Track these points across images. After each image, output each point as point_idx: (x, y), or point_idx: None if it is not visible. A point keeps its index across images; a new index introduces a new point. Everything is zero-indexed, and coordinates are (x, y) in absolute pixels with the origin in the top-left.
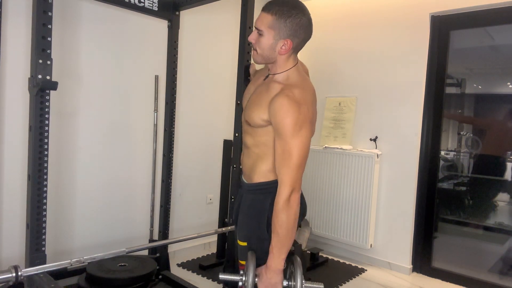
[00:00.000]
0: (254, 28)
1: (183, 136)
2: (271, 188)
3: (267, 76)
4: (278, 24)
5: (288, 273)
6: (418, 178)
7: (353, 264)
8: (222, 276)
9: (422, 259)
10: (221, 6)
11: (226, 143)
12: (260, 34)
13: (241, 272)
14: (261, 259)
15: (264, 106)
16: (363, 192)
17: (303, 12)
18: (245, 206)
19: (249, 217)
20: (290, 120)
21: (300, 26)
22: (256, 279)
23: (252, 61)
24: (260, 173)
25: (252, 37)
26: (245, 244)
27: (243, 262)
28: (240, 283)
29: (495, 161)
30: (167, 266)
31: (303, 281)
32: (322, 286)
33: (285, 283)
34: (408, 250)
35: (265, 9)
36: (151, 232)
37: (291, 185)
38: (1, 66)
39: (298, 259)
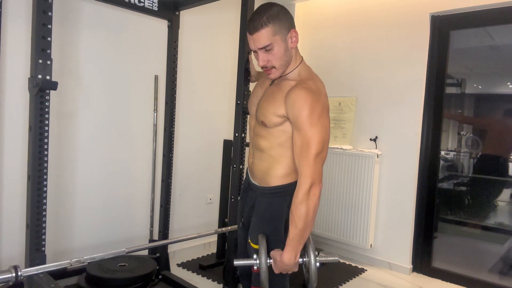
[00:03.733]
0: (257, 51)
1: (183, 136)
2: (288, 191)
3: (273, 80)
4: (277, 26)
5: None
6: (418, 178)
7: (353, 264)
8: (236, 262)
9: (422, 259)
10: (221, 6)
11: (226, 143)
12: (268, 49)
13: (255, 256)
14: None
15: (279, 102)
16: (363, 192)
17: (275, 4)
18: (261, 209)
19: (266, 220)
20: (308, 111)
21: (287, 13)
22: (269, 261)
23: (251, 62)
24: (276, 177)
25: (263, 60)
26: None
27: None
28: (255, 267)
29: (495, 161)
30: (167, 266)
31: (317, 256)
32: (337, 258)
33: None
34: (408, 250)
35: (255, 28)
36: (151, 232)
37: (310, 176)
38: (1, 66)
39: (309, 236)
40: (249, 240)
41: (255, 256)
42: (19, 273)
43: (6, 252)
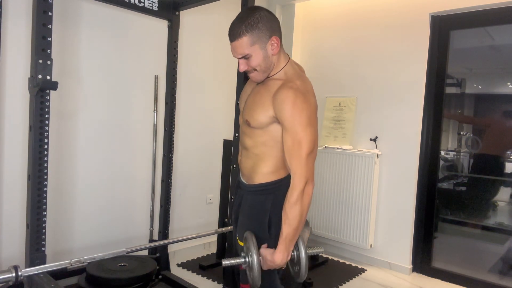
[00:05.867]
0: (238, 59)
1: (183, 136)
2: (272, 189)
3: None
4: (255, 36)
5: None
6: (418, 178)
7: (353, 264)
8: (225, 262)
9: (422, 259)
10: (221, 6)
11: (226, 143)
12: (247, 58)
13: (243, 254)
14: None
15: (267, 103)
16: (363, 192)
17: (258, 9)
18: (246, 207)
19: (250, 218)
20: (297, 112)
21: (269, 20)
22: (260, 257)
23: None
24: (260, 174)
25: (243, 67)
26: None
27: None
28: (243, 265)
29: (495, 161)
30: (167, 266)
31: (306, 249)
32: (322, 249)
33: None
34: (408, 250)
35: (234, 37)
36: (151, 232)
37: (305, 176)
38: (1, 66)
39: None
40: (237, 238)
41: (243, 254)
42: (19, 273)
43: (6, 252)
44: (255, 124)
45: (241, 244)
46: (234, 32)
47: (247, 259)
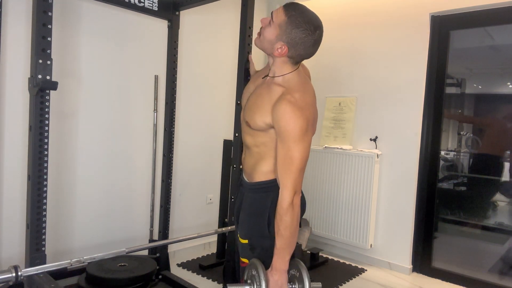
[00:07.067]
0: (270, 15)
1: (183, 136)
2: (271, 187)
3: (266, 76)
4: (285, 27)
5: (289, 277)
6: (418, 178)
7: (353, 264)
8: (230, 287)
9: (422, 259)
10: (221, 6)
11: (226, 143)
12: (271, 22)
13: (248, 282)
14: (262, 256)
15: (267, 110)
16: (363, 192)
17: (313, 31)
18: (247, 204)
19: (251, 215)
20: (293, 127)
21: (302, 42)
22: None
23: (251, 62)
24: (261, 173)
25: (264, 21)
26: (246, 241)
27: (244, 260)
28: None
29: (495, 161)
30: (167, 266)
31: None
32: (320, 285)
33: (289, 286)
34: (408, 250)
35: (286, 7)
36: (151, 232)
37: (293, 189)
38: (1, 66)
39: (302, 263)
40: (238, 235)
41: (248, 281)
42: (19, 273)
43: (6, 252)
44: (255, 127)
45: (242, 241)
46: (290, 6)
47: (254, 286)
